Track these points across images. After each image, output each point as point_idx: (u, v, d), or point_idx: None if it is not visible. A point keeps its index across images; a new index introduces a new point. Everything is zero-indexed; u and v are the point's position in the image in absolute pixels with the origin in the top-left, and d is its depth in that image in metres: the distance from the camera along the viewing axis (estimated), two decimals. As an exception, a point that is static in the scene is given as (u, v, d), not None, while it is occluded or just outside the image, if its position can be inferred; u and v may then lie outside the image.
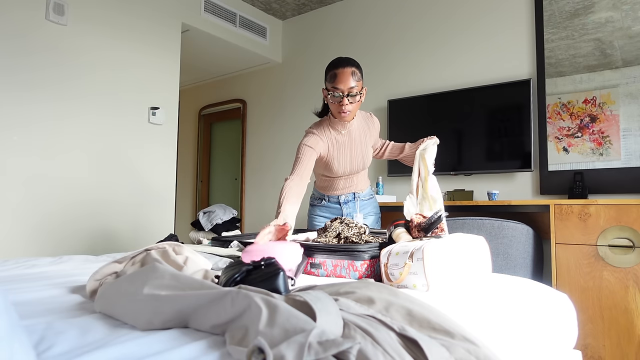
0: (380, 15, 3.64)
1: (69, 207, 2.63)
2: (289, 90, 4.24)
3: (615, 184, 2.48)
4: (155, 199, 3.12)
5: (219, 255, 1.47)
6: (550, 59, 2.74)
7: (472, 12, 3.14)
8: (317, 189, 2.03)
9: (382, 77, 3.58)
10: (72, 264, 1.38)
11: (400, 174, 3.27)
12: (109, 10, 2.87)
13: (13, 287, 0.98)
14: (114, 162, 2.87)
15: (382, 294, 0.72)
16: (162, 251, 1.09)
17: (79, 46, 2.70)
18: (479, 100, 2.94)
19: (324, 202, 1.99)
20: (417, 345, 0.58)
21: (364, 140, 1.83)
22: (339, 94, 1.61)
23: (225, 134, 4.98)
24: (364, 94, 1.68)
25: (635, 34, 2.47)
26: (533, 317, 1.03)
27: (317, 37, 4.07)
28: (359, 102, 1.66)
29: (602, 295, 2.12)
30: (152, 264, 0.79)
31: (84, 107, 2.72)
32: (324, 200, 1.98)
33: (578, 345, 2.13)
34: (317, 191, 2.02)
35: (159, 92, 3.17)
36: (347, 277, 1.18)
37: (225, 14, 3.70)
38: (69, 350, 0.58)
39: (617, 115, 2.51)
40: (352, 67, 1.62)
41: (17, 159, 2.42)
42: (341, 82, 1.60)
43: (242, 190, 4.52)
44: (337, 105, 1.64)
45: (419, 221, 1.31)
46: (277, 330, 0.54)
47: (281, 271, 0.79)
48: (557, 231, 2.26)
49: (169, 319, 0.67)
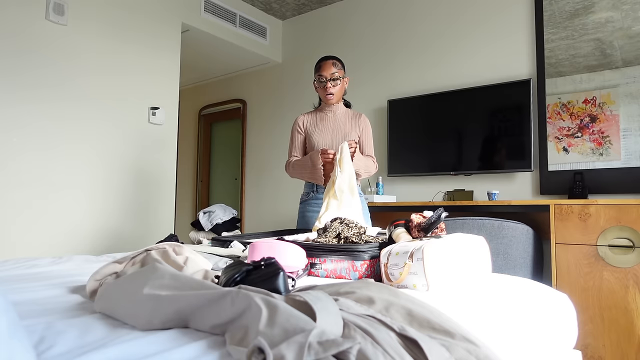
0: (380, 15, 3.64)
1: (69, 207, 2.63)
2: (289, 90, 4.24)
3: (615, 184, 2.48)
4: (155, 198, 3.12)
5: (219, 255, 1.47)
6: (550, 59, 2.75)
7: (472, 13, 3.14)
8: (306, 183, 2.12)
9: (382, 77, 3.58)
10: (72, 264, 1.38)
11: (400, 174, 3.27)
12: (108, 11, 2.87)
13: (13, 287, 0.98)
14: (113, 162, 2.87)
15: (382, 294, 0.72)
16: (162, 251, 1.09)
17: (78, 46, 2.70)
18: (479, 100, 2.94)
19: (311, 196, 2.07)
20: (417, 345, 0.58)
21: (348, 127, 2.07)
22: (323, 80, 2.01)
23: (225, 134, 4.98)
24: (345, 81, 2.06)
25: (635, 34, 2.47)
26: (533, 317, 1.03)
27: (317, 37, 4.07)
28: (341, 86, 2.04)
29: (602, 296, 2.12)
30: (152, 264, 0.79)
31: (83, 107, 2.72)
32: (312, 193, 2.07)
33: (578, 345, 2.13)
34: (307, 184, 2.12)
35: (159, 92, 3.17)
36: (347, 277, 1.18)
37: (225, 14, 3.70)
38: (69, 350, 0.58)
39: (617, 115, 2.51)
40: (333, 59, 2.03)
41: (17, 159, 2.42)
42: (324, 70, 2.00)
43: (242, 190, 4.52)
44: (323, 89, 2.02)
45: (419, 221, 1.31)
46: (277, 330, 0.54)
47: (281, 271, 0.79)
48: (557, 231, 2.26)
49: (169, 319, 0.67)
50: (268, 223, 4.27)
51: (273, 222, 4.23)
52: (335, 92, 2.02)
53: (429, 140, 3.14)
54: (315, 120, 2.11)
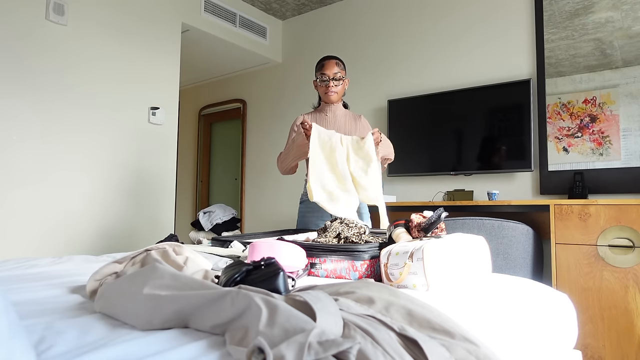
0: (380, 15, 3.64)
1: (69, 207, 2.63)
2: (288, 90, 4.24)
3: (615, 184, 2.48)
4: (155, 198, 3.12)
5: (219, 255, 1.47)
6: (550, 59, 2.74)
7: (472, 13, 3.14)
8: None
9: (382, 77, 3.58)
10: (72, 264, 1.38)
11: (400, 174, 3.27)
12: (109, 11, 2.87)
13: (13, 287, 0.98)
14: (113, 162, 2.87)
15: (382, 294, 0.72)
16: (162, 251, 1.09)
17: (78, 46, 2.70)
18: (479, 100, 2.94)
19: None
20: (417, 345, 0.58)
21: (348, 128, 2.07)
22: (326, 78, 1.99)
23: (225, 134, 4.98)
24: (346, 82, 2.07)
25: (635, 34, 2.47)
26: (533, 317, 1.03)
27: (317, 37, 4.07)
28: (342, 86, 2.04)
29: (602, 295, 2.12)
30: (152, 264, 0.79)
31: (83, 107, 2.72)
32: None
33: (578, 345, 2.13)
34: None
35: (159, 92, 3.17)
36: (347, 277, 1.18)
37: (225, 14, 3.70)
38: (69, 350, 0.58)
39: (617, 115, 2.51)
40: (336, 59, 2.04)
41: (17, 159, 2.42)
42: (327, 69, 2.00)
43: (242, 190, 4.52)
44: (325, 88, 2.01)
45: (419, 221, 1.31)
46: (277, 330, 0.54)
47: (281, 271, 0.79)
48: (557, 231, 2.26)
49: (169, 319, 0.67)
50: (268, 223, 4.27)
51: (273, 222, 4.23)
52: (337, 91, 2.02)
53: (429, 140, 3.14)
54: (315, 120, 2.09)
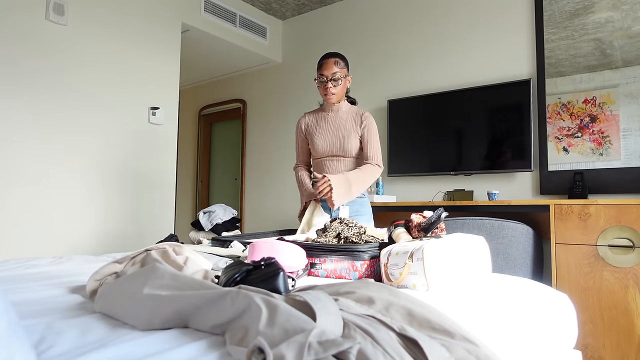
0: (380, 16, 3.64)
1: (69, 208, 2.63)
2: (288, 90, 4.24)
3: (615, 184, 2.48)
4: (155, 198, 3.12)
5: (219, 255, 1.47)
6: (550, 59, 2.74)
7: (472, 13, 3.14)
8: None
9: (382, 77, 3.58)
10: (72, 264, 1.38)
11: (400, 173, 3.27)
12: (109, 11, 2.87)
13: (13, 287, 0.98)
14: (113, 162, 2.87)
15: (382, 294, 0.72)
16: (162, 251, 1.09)
17: (78, 46, 2.70)
18: (479, 100, 2.94)
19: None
20: (417, 345, 0.58)
21: (349, 127, 2.03)
22: (324, 79, 1.96)
23: (225, 134, 4.98)
24: (348, 80, 2.01)
25: (635, 34, 2.47)
26: (533, 317, 1.03)
27: (317, 37, 4.07)
28: (342, 86, 1.98)
29: (602, 296, 2.12)
30: (152, 264, 0.79)
31: (83, 107, 2.72)
32: None
33: (578, 345, 2.13)
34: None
35: (159, 92, 3.17)
36: (347, 277, 1.18)
37: (225, 14, 3.70)
38: (69, 350, 0.58)
39: (617, 115, 2.51)
40: (336, 57, 1.98)
41: (17, 159, 2.42)
42: (325, 69, 1.95)
43: (242, 190, 4.52)
44: (324, 89, 1.98)
45: (419, 221, 1.31)
46: (277, 330, 0.54)
47: (281, 271, 0.79)
48: (557, 231, 2.26)
49: (169, 319, 0.67)
50: (268, 223, 4.27)
51: (273, 222, 4.23)
52: (336, 92, 1.98)
53: (429, 140, 3.14)
54: (316, 120, 2.09)
